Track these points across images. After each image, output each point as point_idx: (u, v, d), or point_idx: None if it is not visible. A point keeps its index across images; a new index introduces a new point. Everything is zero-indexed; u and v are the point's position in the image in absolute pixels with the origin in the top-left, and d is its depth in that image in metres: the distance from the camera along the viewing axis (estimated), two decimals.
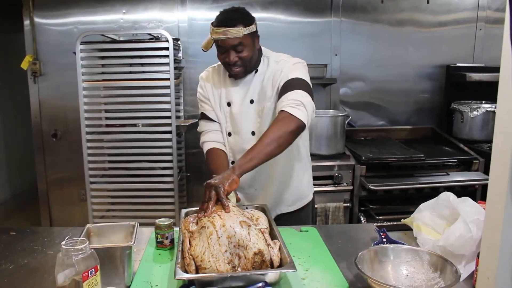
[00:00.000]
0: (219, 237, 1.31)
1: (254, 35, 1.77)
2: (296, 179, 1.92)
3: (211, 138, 1.89)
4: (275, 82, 1.76)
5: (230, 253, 1.30)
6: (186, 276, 1.23)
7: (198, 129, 1.96)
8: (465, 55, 3.71)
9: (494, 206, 0.95)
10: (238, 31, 1.68)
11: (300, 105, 1.62)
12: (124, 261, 1.27)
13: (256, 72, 1.83)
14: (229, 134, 1.88)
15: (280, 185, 1.89)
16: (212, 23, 1.73)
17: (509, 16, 0.84)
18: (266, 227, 1.47)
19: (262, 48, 1.87)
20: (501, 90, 0.94)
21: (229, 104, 1.86)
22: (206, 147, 1.89)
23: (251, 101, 1.82)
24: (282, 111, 1.62)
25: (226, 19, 1.70)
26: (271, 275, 1.28)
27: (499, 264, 0.93)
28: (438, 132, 3.65)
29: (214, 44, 1.75)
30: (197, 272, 1.27)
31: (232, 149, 1.89)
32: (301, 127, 1.61)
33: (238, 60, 1.73)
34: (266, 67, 1.83)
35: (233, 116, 1.85)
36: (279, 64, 1.80)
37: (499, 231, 0.92)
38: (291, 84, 1.70)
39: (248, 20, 1.73)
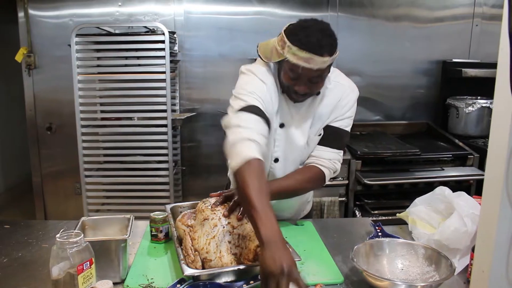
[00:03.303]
0: (224, 227, 1.32)
1: (333, 62, 1.46)
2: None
3: (260, 141, 1.35)
4: (333, 115, 1.59)
5: (233, 244, 1.31)
6: (194, 271, 1.23)
7: (241, 122, 1.37)
8: (461, 51, 3.71)
9: (490, 200, 0.95)
10: (324, 62, 1.36)
11: (335, 172, 1.62)
12: (119, 254, 1.27)
13: (318, 93, 1.57)
14: (276, 160, 1.61)
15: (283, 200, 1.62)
16: (289, 38, 1.36)
17: (507, 11, 0.84)
18: None
19: None
20: (498, 85, 0.94)
21: (281, 126, 1.56)
22: (252, 152, 1.29)
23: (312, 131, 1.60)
24: (322, 169, 1.58)
25: (314, 45, 1.34)
26: None
27: (494, 257, 0.94)
28: (434, 127, 3.66)
29: (282, 60, 1.41)
30: (203, 267, 1.27)
31: (274, 176, 1.63)
32: None
33: (309, 91, 1.46)
34: (325, 88, 1.56)
35: (287, 140, 1.57)
36: (341, 93, 1.58)
37: (494, 224, 0.92)
38: (340, 138, 1.61)
39: (334, 46, 1.39)
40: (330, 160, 1.60)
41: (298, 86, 1.42)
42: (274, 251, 1.09)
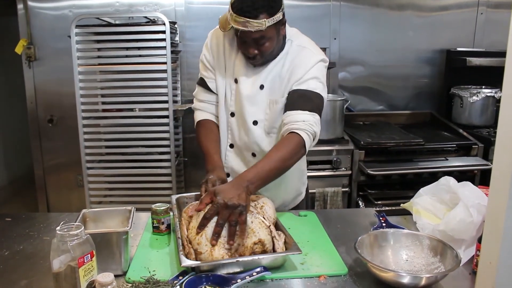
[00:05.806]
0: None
1: (280, 23, 1.53)
2: (291, 178, 1.77)
3: (206, 109, 1.77)
4: (293, 76, 1.60)
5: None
6: (192, 263, 1.21)
7: (194, 93, 1.82)
8: (466, 39, 3.66)
9: (497, 190, 0.93)
10: (261, 24, 1.45)
11: (315, 137, 1.54)
12: (121, 246, 1.26)
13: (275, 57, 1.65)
14: (232, 114, 1.71)
15: (274, 187, 1.62)
16: (231, 4, 1.49)
17: None
18: (273, 218, 1.45)
19: (286, 28, 1.65)
20: (507, 73, 0.91)
21: (236, 81, 1.68)
22: (199, 116, 1.77)
23: (261, 87, 1.64)
24: (299, 135, 1.49)
25: (248, 7, 1.45)
26: (274, 260, 1.27)
27: (501, 248, 0.92)
28: (437, 117, 3.63)
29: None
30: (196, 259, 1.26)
31: (232, 130, 1.74)
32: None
33: (259, 53, 1.55)
34: (287, 54, 1.64)
35: (240, 96, 1.66)
36: (302, 54, 1.62)
37: (502, 215, 0.90)
38: (309, 99, 1.56)
39: (274, 7, 1.48)
40: (305, 122, 1.51)
41: (247, 50, 1.56)
42: (209, 174, 1.55)
